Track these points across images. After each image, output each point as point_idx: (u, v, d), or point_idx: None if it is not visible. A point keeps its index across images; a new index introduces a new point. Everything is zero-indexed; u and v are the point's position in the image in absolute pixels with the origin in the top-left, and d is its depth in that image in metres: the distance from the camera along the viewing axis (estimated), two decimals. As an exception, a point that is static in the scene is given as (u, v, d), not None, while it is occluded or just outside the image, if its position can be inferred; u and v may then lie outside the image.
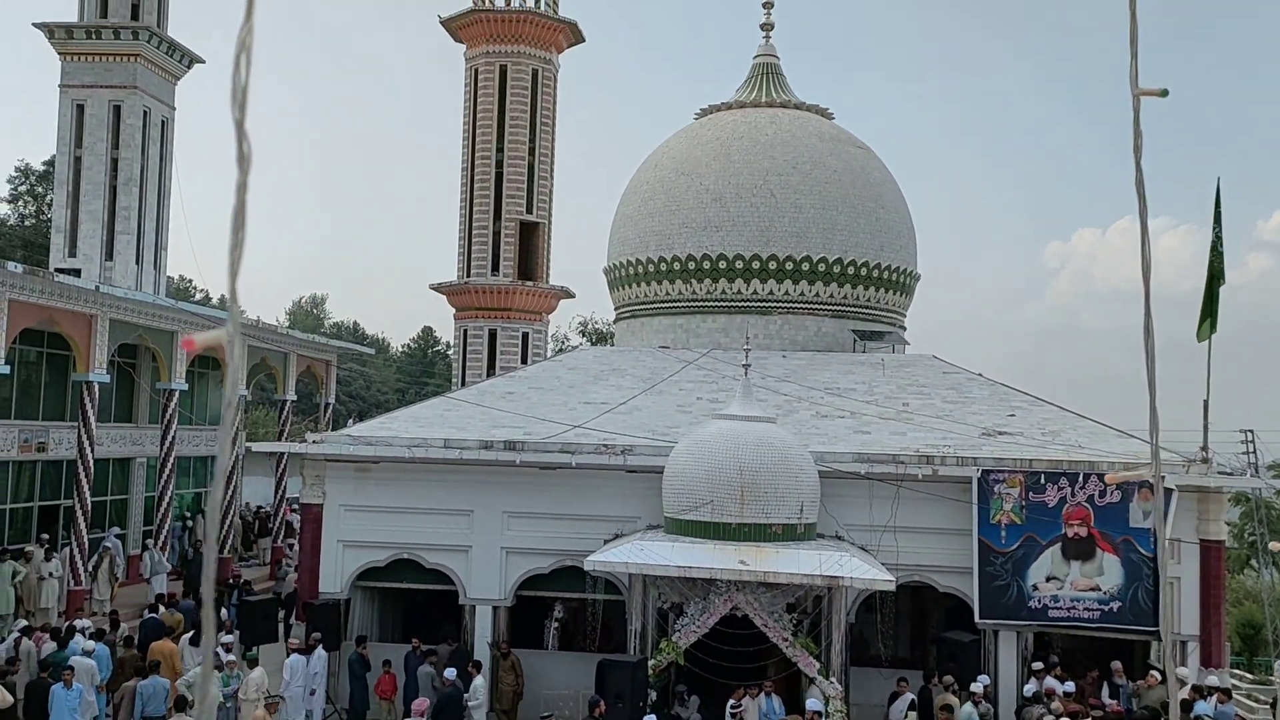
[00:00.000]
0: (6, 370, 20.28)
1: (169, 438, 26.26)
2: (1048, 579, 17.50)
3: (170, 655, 17.44)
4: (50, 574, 21.63)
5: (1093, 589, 17.39)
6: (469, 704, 16.77)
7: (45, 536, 23.68)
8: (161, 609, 20.65)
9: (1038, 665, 17.25)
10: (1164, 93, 2.80)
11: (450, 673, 16.86)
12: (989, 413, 20.96)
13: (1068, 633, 18.33)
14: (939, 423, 20.07)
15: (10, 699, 15.26)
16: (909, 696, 16.34)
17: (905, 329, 28.00)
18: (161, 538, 26.22)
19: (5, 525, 23.42)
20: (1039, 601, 17.50)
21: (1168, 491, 17.17)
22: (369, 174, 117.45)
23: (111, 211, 29.78)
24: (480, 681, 17.25)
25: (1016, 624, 17.70)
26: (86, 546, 22.94)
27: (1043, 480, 17.63)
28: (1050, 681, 16.60)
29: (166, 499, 26.40)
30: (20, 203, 48.30)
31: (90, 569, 22.78)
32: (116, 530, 26.89)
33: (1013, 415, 20.82)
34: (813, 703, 15.11)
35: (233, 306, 1.94)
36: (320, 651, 17.79)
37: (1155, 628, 17.01)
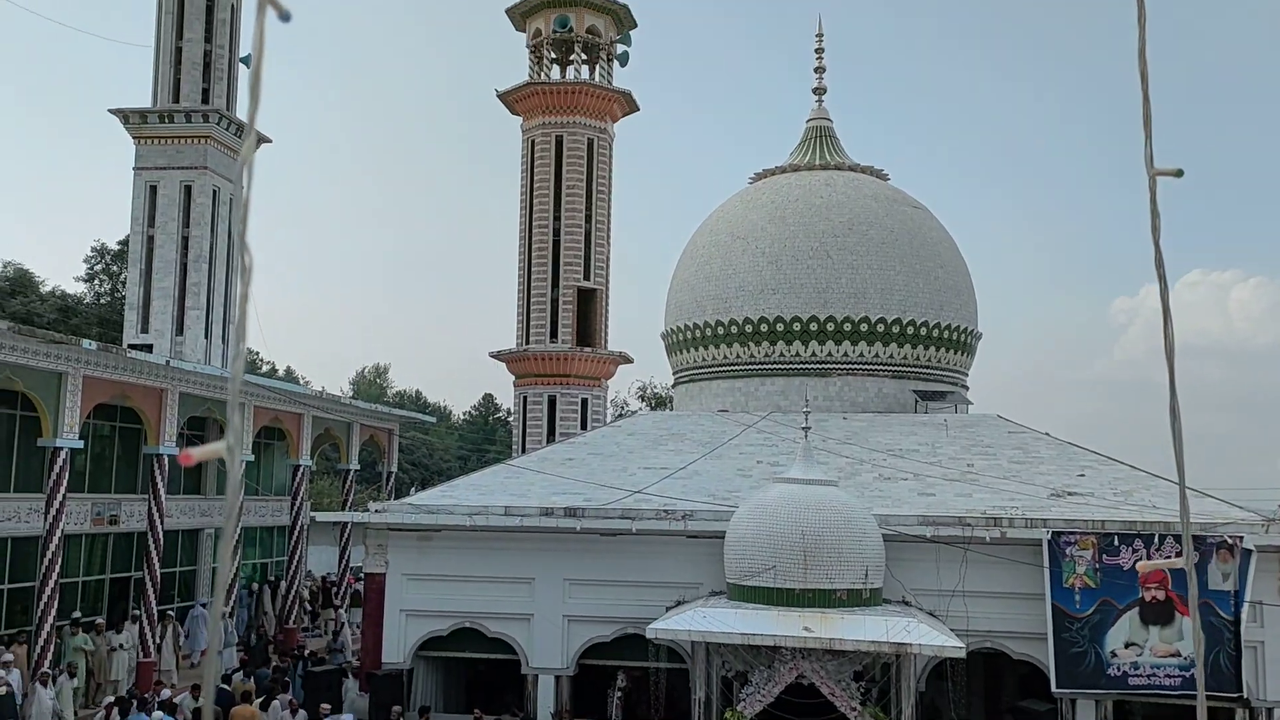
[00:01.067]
0: (80, 445, 20.75)
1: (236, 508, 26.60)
2: (1126, 645, 16.95)
3: (252, 718, 17.52)
4: (121, 646, 21.89)
5: (1173, 655, 16.79)
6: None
7: (118, 607, 24.06)
8: (235, 678, 20.77)
9: (1118, 735, 16.66)
10: (1179, 173, 2.78)
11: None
12: (1057, 473, 20.53)
13: (1149, 701, 17.69)
14: (1005, 484, 19.70)
15: None
16: None
17: (968, 388, 27.65)
18: (230, 608, 26.46)
19: (77, 597, 23.80)
20: (1118, 669, 16.93)
21: (1246, 552, 16.61)
22: (429, 244, 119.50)
23: (182, 288, 30.58)
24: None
25: (1095, 692, 17.12)
26: (156, 618, 23.21)
27: (1116, 542, 17.16)
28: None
29: (233, 569, 26.68)
30: (96, 281, 49.82)
31: (156, 641, 23.02)
32: (203, 601, 27.37)
33: (1082, 475, 20.37)
34: None
35: (233, 417, 1.94)
36: None
37: (1239, 694, 16.36)
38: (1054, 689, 17.21)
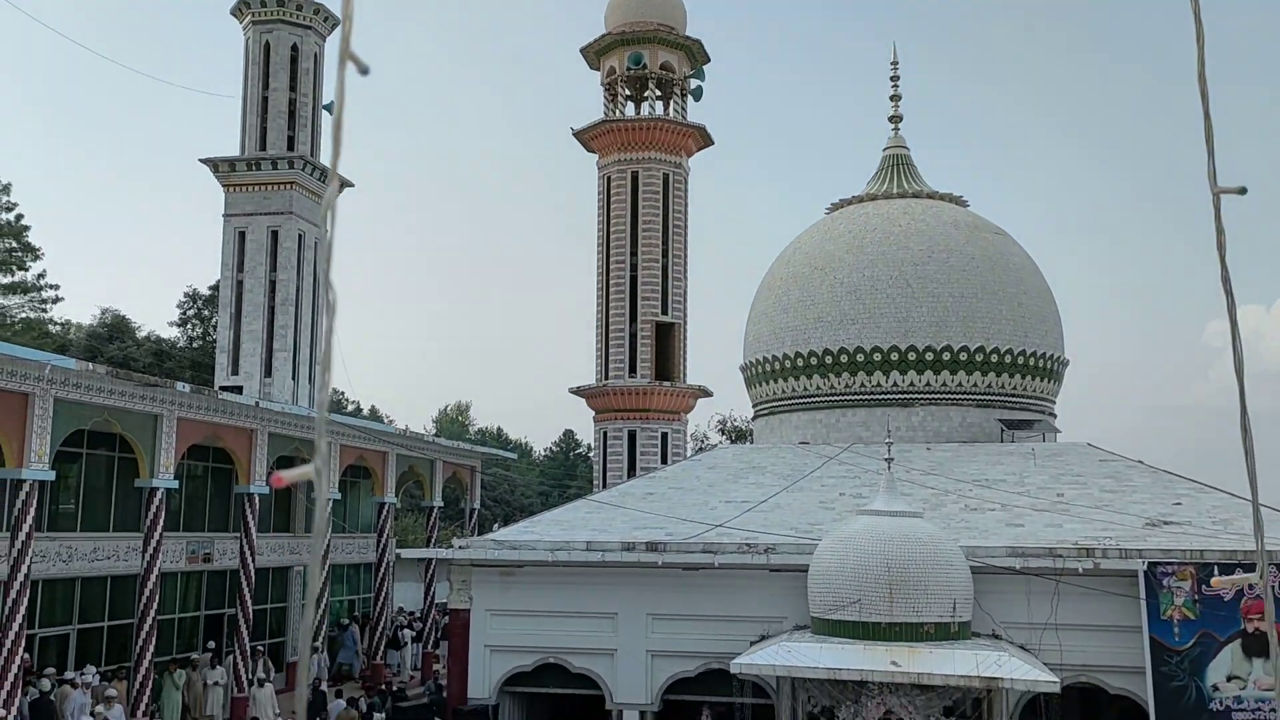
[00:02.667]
0: (175, 485, 21.35)
1: (324, 546, 27.09)
2: (1228, 678, 16.32)
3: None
4: (215, 682, 22.36)
5: (1279, 689, 16.11)
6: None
7: (211, 645, 24.58)
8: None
9: (1224, 773, 16.02)
10: (1243, 190, 2.73)
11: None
12: (1152, 501, 19.94)
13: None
14: (1098, 513, 19.19)
15: None
16: None
17: (1055, 416, 27.05)
18: (319, 643, 26.91)
19: (173, 634, 24.38)
20: (1221, 703, 16.31)
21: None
22: (509, 282, 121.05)
23: (270, 331, 31.40)
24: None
25: (1198, 729, 16.50)
26: (249, 654, 23.67)
27: (1216, 572, 16.58)
28: (1239, 791, 15.38)
29: (322, 606, 27.11)
30: (189, 326, 51.39)
31: (249, 676, 23.44)
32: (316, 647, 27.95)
33: (1179, 503, 19.76)
34: None
35: (320, 442, 1.99)
36: None
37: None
38: (1154, 725, 16.63)
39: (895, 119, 29.83)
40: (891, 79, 29.78)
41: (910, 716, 15.20)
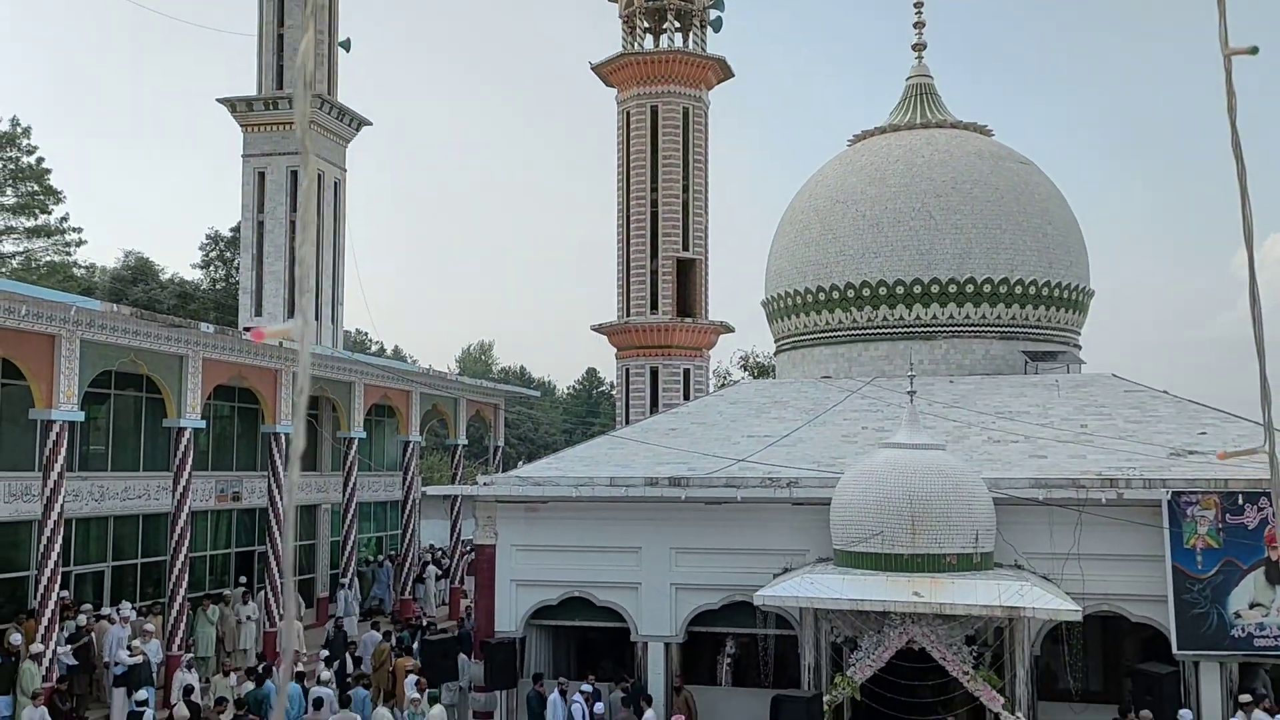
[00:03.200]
0: (203, 425, 21.60)
1: (350, 484, 27.42)
2: (1251, 606, 16.37)
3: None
4: (248, 617, 22.80)
5: (1302, 616, 16.16)
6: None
7: (243, 580, 25.06)
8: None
9: (1245, 698, 16.11)
10: (1254, 50, 2.65)
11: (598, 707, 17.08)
12: (1177, 431, 19.85)
13: (1277, 663, 17.09)
14: (1122, 444, 19.13)
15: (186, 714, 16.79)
16: None
17: (1080, 348, 26.86)
18: (348, 580, 27.39)
19: (206, 571, 24.84)
20: (1243, 630, 16.38)
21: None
22: (530, 221, 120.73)
23: (292, 272, 31.48)
24: (652, 715, 17.30)
25: (1219, 654, 16.59)
26: (280, 589, 24.11)
27: (1240, 501, 16.55)
28: (1259, 716, 15.48)
29: (350, 543, 27.53)
30: (212, 268, 51.59)
31: (280, 612, 23.88)
32: (346, 582, 28.49)
33: (1204, 433, 19.66)
34: None
35: (300, 299, 1.98)
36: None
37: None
38: (1175, 651, 16.73)
39: (919, 47, 29.30)
40: (915, 6, 29.19)
41: (933, 645, 15.32)
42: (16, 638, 16.50)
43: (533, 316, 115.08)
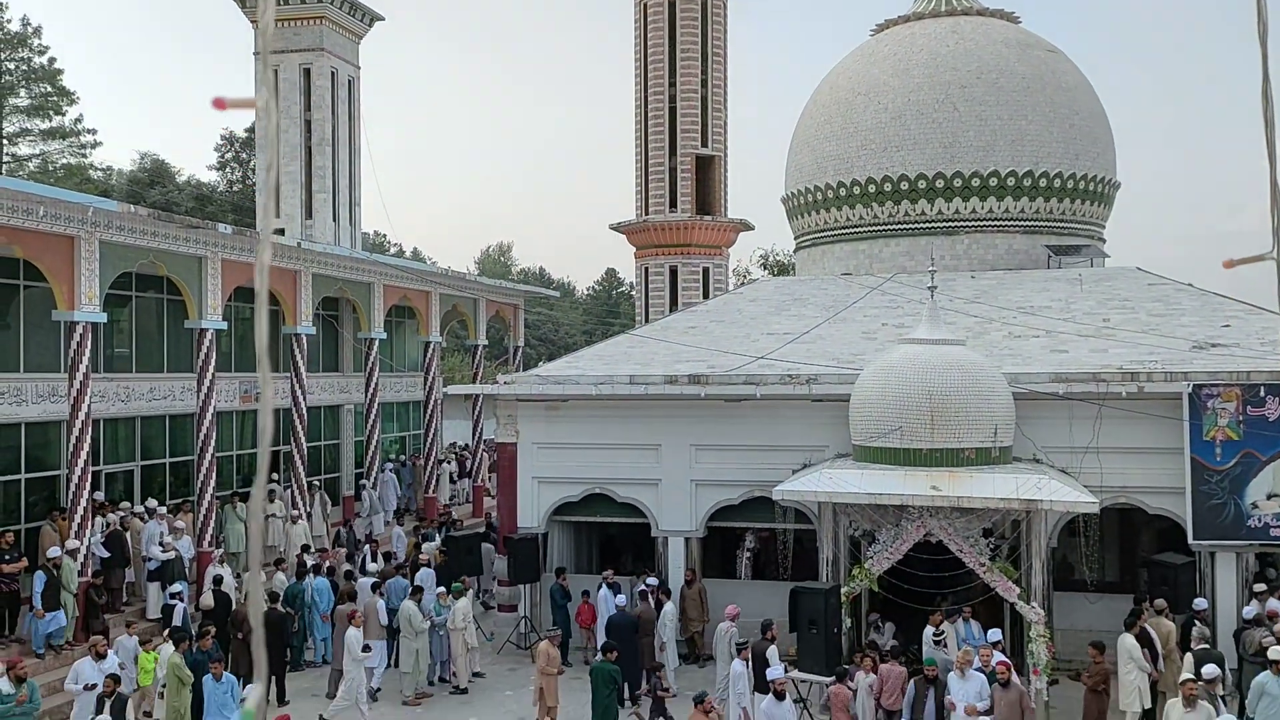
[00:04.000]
0: (224, 326, 21.72)
1: (372, 384, 27.65)
2: (1269, 496, 16.42)
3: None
4: (274, 514, 23.23)
5: (1320, 506, 16.22)
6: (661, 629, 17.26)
7: (274, 478, 25.49)
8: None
9: (1260, 587, 16.28)
10: None
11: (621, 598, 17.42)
12: (1200, 325, 19.69)
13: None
14: (1144, 338, 19.00)
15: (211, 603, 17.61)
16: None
17: (1104, 241, 26.52)
18: (373, 479, 27.83)
19: (233, 470, 25.25)
20: (1259, 520, 16.47)
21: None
22: (549, 119, 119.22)
23: (308, 172, 31.28)
24: (670, 608, 17.64)
25: (1235, 544, 16.71)
26: (306, 488, 24.51)
27: (1262, 393, 16.48)
28: (1274, 603, 15.63)
29: (374, 443, 27.88)
30: (228, 169, 51.36)
31: (306, 510, 24.34)
32: (391, 465, 29.52)
33: (1227, 326, 19.50)
34: (994, 633, 14.74)
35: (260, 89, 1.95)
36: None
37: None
38: (1191, 541, 16.86)
39: (944, -68, 28.35)
40: (940, -112, 28.17)
41: (949, 539, 15.47)
42: (54, 550, 16.85)
43: (552, 217, 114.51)
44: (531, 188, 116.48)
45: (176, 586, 18.03)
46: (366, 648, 15.96)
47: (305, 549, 21.10)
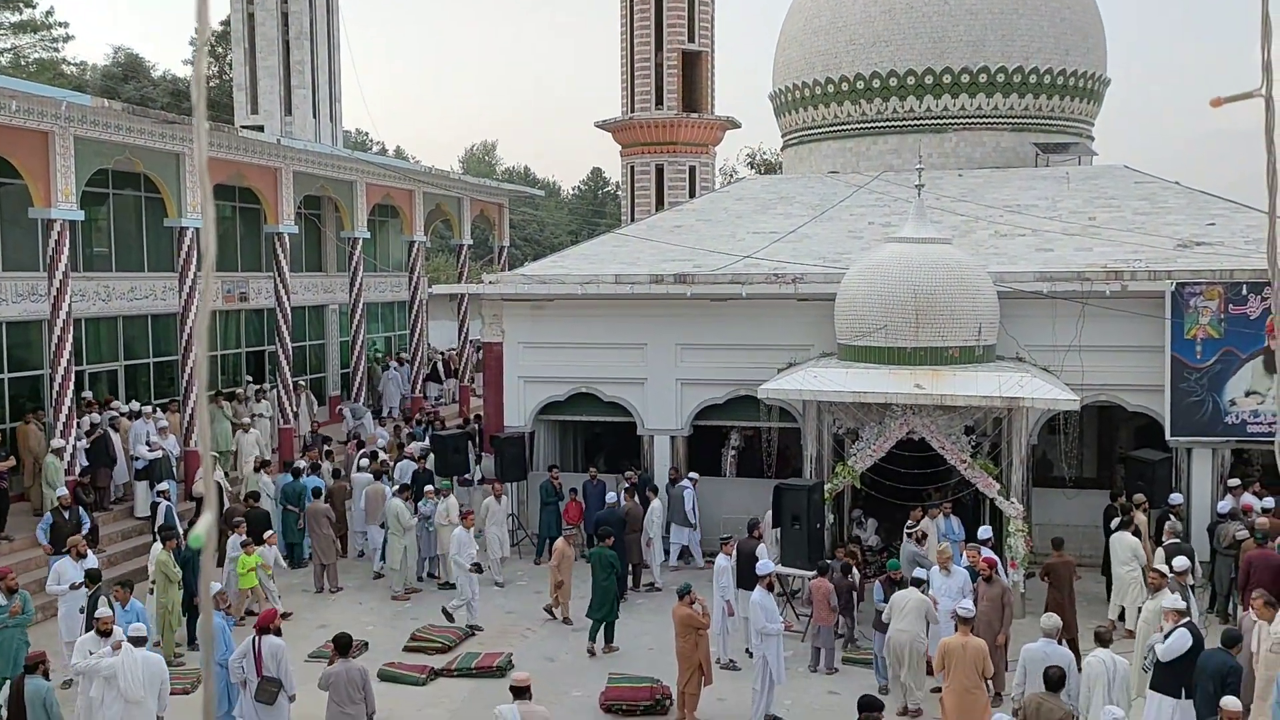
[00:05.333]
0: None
1: (356, 284, 27.49)
2: (1247, 393, 16.64)
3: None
4: (260, 414, 23.30)
5: (1298, 402, 16.45)
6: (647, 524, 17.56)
7: (249, 379, 25.52)
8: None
9: (1234, 482, 16.60)
10: None
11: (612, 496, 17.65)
12: (1185, 223, 19.67)
13: (1268, 447, 17.50)
14: (1130, 236, 18.99)
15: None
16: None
17: (1093, 139, 26.31)
18: (369, 380, 27.98)
19: (218, 370, 25.24)
20: (1237, 417, 16.70)
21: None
22: (533, 16, 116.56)
23: (286, 67, 30.56)
24: (658, 505, 17.88)
25: (1211, 440, 16.97)
26: (292, 387, 24.53)
27: (1244, 291, 16.57)
28: (1248, 498, 15.97)
29: (359, 342, 27.85)
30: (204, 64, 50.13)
31: (294, 409, 24.41)
32: (395, 364, 29.96)
33: (1212, 224, 19.49)
34: (983, 530, 14.99)
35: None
36: None
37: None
38: (1168, 437, 17.11)
39: None
40: None
41: (932, 436, 15.64)
42: (62, 490, 16.64)
43: (537, 116, 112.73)
44: (516, 86, 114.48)
45: (162, 485, 18.14)
46: (477, 567, 15.73)
47: (264, 463, 20.78)
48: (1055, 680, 9.52)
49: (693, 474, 18.83)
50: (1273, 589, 12.83)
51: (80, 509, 16.28)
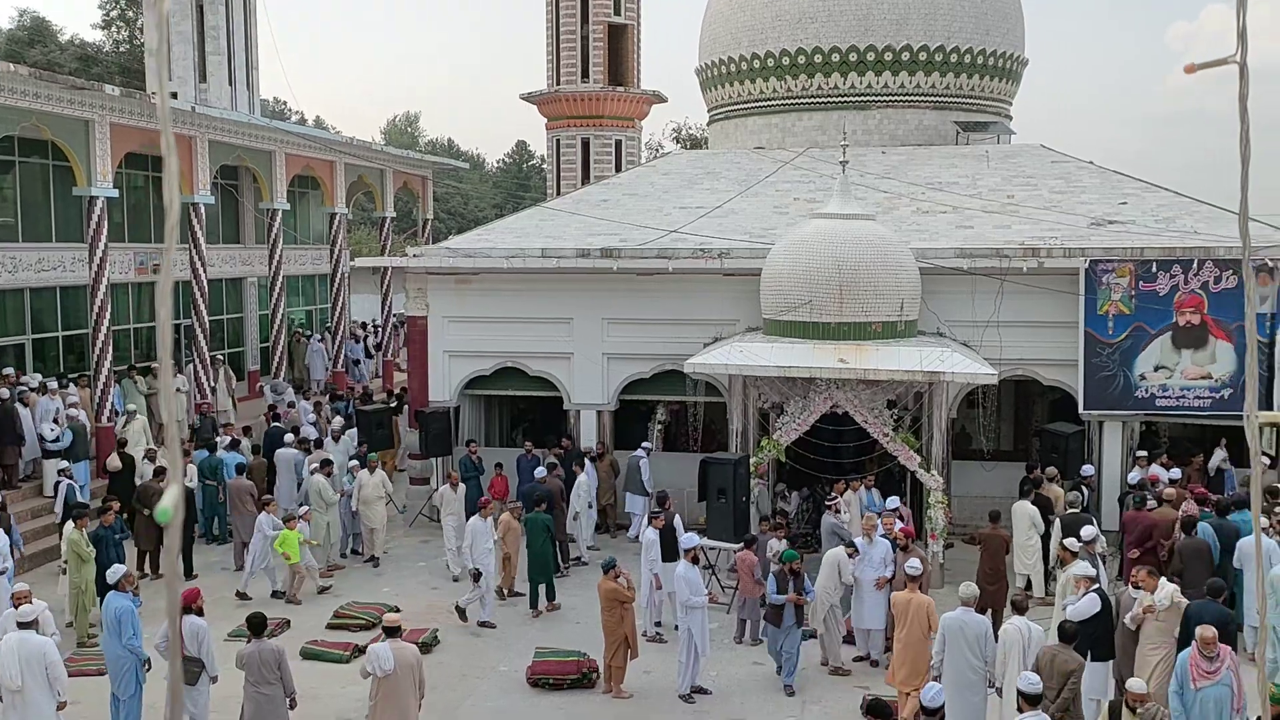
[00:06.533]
0: (115, 194, 20.82)
1: (275, 257, 26.94)
2: (1156, 368, 17.16)
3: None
4: (178, 389, 22.77)
5: (1204, 377, 17.02)
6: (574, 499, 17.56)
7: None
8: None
9: (1142, 453, 17.14)
10: None
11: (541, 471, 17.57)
12: (1099, 202, 20.17)
13: (1176, 421, 18.10)
14: (1046, 214, 19.41)
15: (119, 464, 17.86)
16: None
17: (1011, 118, 26.79)
18: (277, 355, 27.40)
19: (131, 344, 24.58)
20: (1146, 391, 17.23)
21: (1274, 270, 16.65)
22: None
23: (201, 32, 29.69)
24: (584, 478, 17.89)
25: (1122, 414, 17.49)
26: (210, 362, 24.00)
27: (1154, 269, 17.05)
28: (1156, 469, 16.50)
29: (279, 316, 27.33)
30: (114, 29, 48.53)
31: (211, 384, 23.91)
32: (319, 336, 29.79)
33: (1124, 203, 20.01)
34: (891, 500, 15.29)
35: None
36: None
37: (1270, 410, 16.62)
38: (1081, 410, 17.59)
39: None
40: None
41: (855, 410, 15.87)
42: None
43: (461, 88, 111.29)
44: (440, 56, 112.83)
45: (63, 463, 17.63)
46: (476, 574, 14.95)
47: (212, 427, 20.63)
48: (1069, 634, 9.98)
49: (646, 444, 18.93)
50: (1141, 546, 13.63)
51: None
